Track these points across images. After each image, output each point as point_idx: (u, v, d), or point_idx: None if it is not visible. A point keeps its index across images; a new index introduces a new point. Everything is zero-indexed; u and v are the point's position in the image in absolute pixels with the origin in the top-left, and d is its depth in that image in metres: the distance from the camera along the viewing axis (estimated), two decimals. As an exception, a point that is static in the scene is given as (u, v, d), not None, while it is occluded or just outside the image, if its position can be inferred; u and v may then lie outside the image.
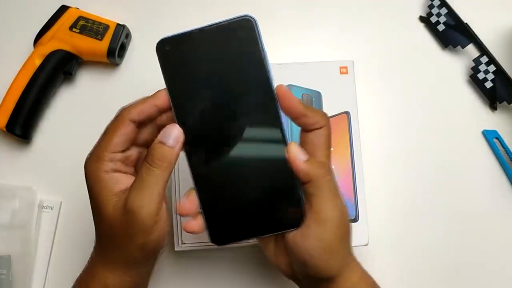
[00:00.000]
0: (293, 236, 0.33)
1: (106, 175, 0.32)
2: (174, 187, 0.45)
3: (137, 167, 0.35)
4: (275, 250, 0.36)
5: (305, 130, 0.33)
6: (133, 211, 0.31)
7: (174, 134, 0.32)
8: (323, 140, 0.33)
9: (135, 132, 0.33)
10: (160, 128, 0.33)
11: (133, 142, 0.34)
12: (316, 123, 0.33)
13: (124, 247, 0.33)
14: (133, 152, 0.34)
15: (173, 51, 0.32)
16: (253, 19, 0.32)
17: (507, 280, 0.52)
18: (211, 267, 0.50)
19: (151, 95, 0.33)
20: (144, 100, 0.33)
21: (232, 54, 0.32)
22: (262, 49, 0.32)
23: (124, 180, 0.33)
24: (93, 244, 0.36)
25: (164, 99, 0.32)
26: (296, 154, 0.32)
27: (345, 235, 0.34)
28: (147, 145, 0.34)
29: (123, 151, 0.33)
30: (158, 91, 0.33)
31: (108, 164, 0.32)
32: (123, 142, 0.32)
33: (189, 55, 0.32)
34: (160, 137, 0.32)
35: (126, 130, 0.32)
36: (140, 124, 0.33)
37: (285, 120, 0.33)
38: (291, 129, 0.46)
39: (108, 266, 0.34)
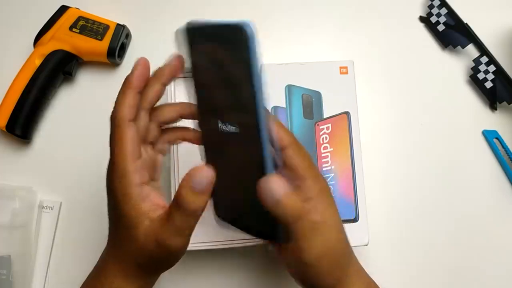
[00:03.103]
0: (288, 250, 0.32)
1: (136, 190, 0.31)
2: (174, 183, 0.45)
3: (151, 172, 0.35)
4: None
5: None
6: (168, 249, 0.31)
7: (206, 178, 0.29)
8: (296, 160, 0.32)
9: (138, 131, 0.32)
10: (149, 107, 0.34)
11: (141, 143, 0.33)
12: (281, 140, 0.32)
13: (150, 269, 0.34)
14: (145, 154, 0.34)
15: (195, 40, 0.30)
16: (247, 28, 0.26)
17: (507, 280, 0.52)
18: (211, 267, 0.50)
19: (124, 85, 0.32)
20: (123, 93, 0.32)
21: (224, 59, 0.29)
22: (251, 62, 0.27)
23: (151, 195, 0.32)
24: (92, 244, 0.36)
25: (136, 81, 0.32)
26: (267, 194, 0.29)
27: (338, 257, 0.33)
28: (153, 140, 0.35)
29: (140, 156, 0.32)
30: (126, 77, 0.32)
31: (136, 177, 0.31)
32: (137, 146, 0.32)
33: (199, 50, 0.31)
34: (193, 183, 0.29)
35: (131, 133, 0.31)
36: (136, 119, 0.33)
37: (267, 147, 0.29)
38: (291, 128, 0.46)
39: (123, 273, 0.33)
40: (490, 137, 0.54)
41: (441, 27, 0.56)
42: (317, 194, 0.32)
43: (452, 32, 0.56)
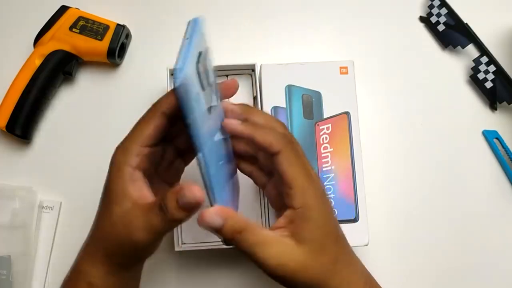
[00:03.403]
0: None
1: (129, 170, 0.31)
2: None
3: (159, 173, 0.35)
4: None
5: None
6: (134, 240, 0.31)
7: (194, 199, 0.29)
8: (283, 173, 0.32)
9: (166, 126, 0.32)
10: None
11: (163, 138, 0.33)
12: (269, 146, 0.32)
13: (117, 258, 0.33)
14: (160, 151, 0.34)
15: None
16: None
17: (507, 280, 0.52)
18: (211, 267, 0.50)
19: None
20: (173, 93, 0.32)
21: None
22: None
23: (140, 183, 0.32)
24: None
25: None
26: (204, 227, 0.30)
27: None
28: (177, 146, 0.35)
29: (151, 146, 0.32)
30: None
31: (134, 159, 0.32)
32: (154, 135, 0.32)
33: None
34: (180, 198, 0.29)
35: (157, 122, 0.32)
36: (172, 119, 0.32)
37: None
38: (291, 129, 0.46)
39: (95, 264, 0.33)
40: (490, 137, 0.54)
41: (441, 27, 0.56)
42: (303, 203, 0.32)
43: (452, 32, 0.56)
